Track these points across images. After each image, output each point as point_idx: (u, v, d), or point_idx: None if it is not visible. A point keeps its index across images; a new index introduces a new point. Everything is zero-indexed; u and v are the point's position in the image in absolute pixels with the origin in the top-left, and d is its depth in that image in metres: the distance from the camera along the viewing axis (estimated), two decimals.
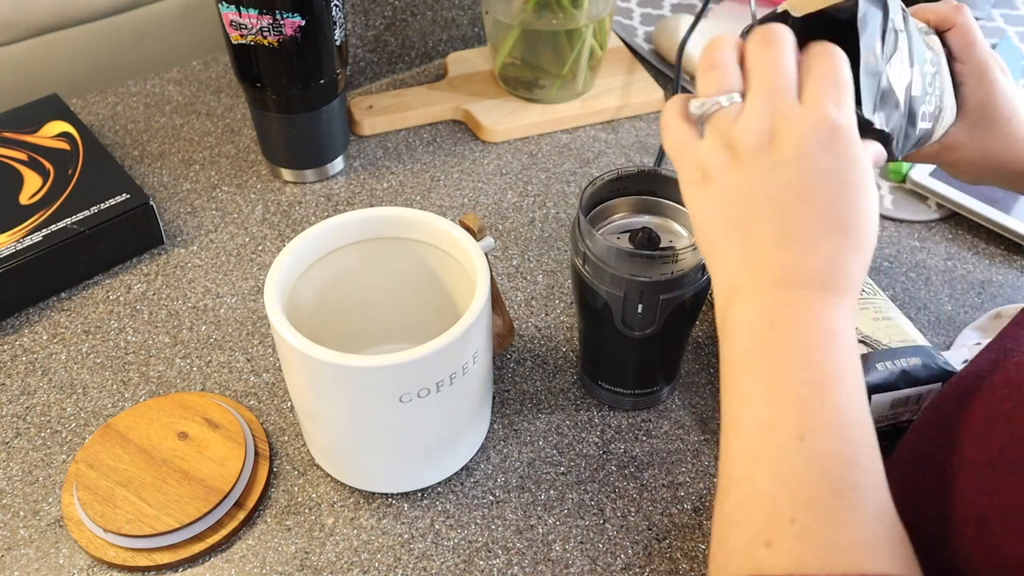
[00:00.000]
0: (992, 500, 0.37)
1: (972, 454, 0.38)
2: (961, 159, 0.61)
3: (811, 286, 0.40)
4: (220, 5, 0.73)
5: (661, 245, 0.59)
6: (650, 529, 0.60)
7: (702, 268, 0.57)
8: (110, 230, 0.74)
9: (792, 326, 0.39)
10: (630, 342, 0.61)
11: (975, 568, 0.37)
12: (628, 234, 0.60)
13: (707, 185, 0.44)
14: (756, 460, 0.38)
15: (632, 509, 0.61)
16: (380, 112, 0.90)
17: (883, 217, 0.82)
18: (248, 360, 0.70)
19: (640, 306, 0.58)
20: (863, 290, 0.64)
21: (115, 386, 0.68)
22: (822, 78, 0.42)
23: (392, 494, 0.62)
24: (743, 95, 0.44)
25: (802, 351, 0.39)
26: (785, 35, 0.44)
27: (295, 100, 0.79)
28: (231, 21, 0.74)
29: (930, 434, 0.42)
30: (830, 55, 0.43)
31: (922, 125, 0.52)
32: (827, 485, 0.36)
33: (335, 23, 0.77)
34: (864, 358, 0.59)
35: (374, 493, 0.62)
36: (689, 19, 0.98)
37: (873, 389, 0.58)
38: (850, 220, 0.41)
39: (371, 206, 0.83)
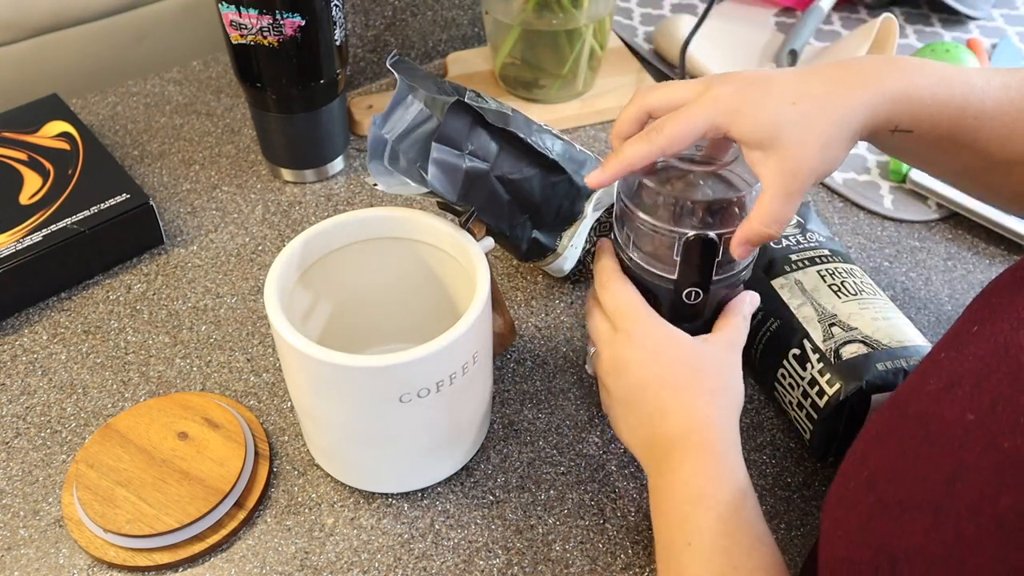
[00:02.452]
0: (902, 540, 0.37)
1: (886, 493, 0.39)
2: (807, 164, 0.52)
3: (674, 443, 0.52)
4: (220, 5, 0.73)
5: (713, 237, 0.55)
6: (650, 529, 0.60)
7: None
8: (110, 230, 0.74)
9: (669, 475, 0.52)
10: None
11: None
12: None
13: (608, 393, 0.58)
14: (665, 569, 0.50)
15: (632, 509, 0.61)
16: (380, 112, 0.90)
17: (883, 217, 0.83)
18: (248, 360, 0.70)
19: (692, 295, 0.57)
20: (863, 291, 0.64)
21: (115, 386, 0.68)
22: (612, 311, 0.57)
23: (392, 494, 0.62)
24: None
25: (680, 485, 0.51)
26: (592, 299, 0.60)
27: (295, 100, 0.79)
28: (231, 21, 0.74)
29: (850, 471, 0.43)
30: (600, 295, 0.59)
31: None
32: (712, 571, 0.47)
33: (335, 23, 0.77)
34: (864, 358, 0.59)
35: (374, 493, 0.62)
36: (689, 19, 0.98)
37: (873, 389, 0.58)
38: (686, 383, 0.54)
39: (371, 206, 0.83)
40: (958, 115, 0.53)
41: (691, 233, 0.54)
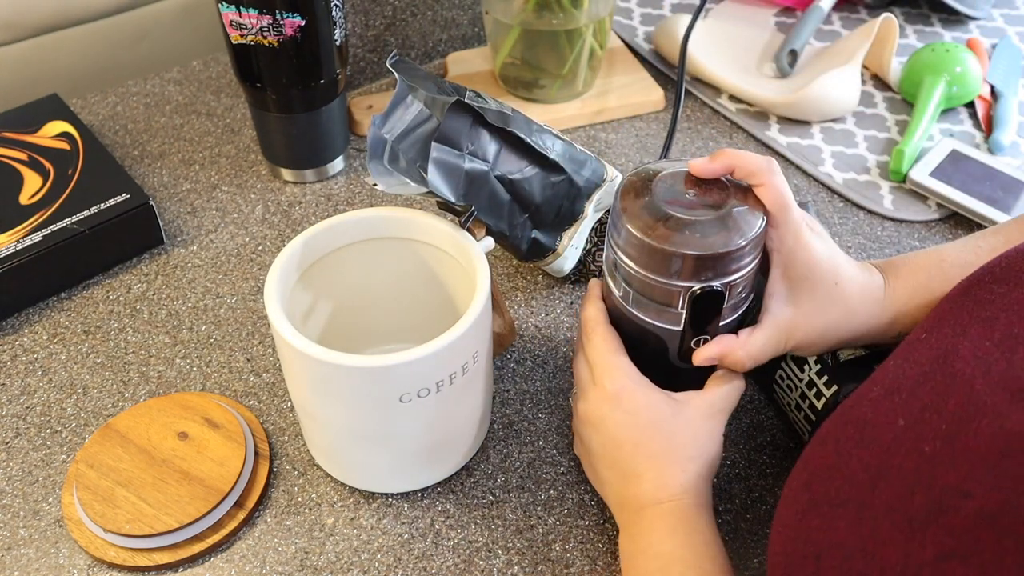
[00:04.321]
0: (827, 536, 0.39)
1: (818, 492, 0.41)
2: (804, 340, 0.56)
3: (646, 507, 0.53)
4: (220, 5, 0.73)
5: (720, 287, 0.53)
6: None
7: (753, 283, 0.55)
8: (110, 230, 0.74)
9: (639, 538, 0.53)
10: (681, 372, 0.57)
11: None
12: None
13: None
14: None
15: None
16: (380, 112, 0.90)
17: (883, 217, 0.83)
18: (248, 360, 0.70)
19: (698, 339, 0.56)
20: None
21: (115, 386, 0.68)
22: (593, 363, 0.57)
23: (392, 494, 0.62)
24: None
25: (652, 550, 0.52)
26: (579, 341, 0.60)
27: (295, 100, 0.79)
28: (231, 21, 0.74)
29: (794, 473, 0.45)
30: (583, 344, 0.58)
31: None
32: None
33: (335, 23, 0.77)
34: (861, 360, 0.59)
35: (374, 493, 0.62)
36: (689, 19, 0.98)
37: None
38: (660, 449, 0.54)
39: (371, 206, 0.83)
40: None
41: (697, 287, 0.52)
